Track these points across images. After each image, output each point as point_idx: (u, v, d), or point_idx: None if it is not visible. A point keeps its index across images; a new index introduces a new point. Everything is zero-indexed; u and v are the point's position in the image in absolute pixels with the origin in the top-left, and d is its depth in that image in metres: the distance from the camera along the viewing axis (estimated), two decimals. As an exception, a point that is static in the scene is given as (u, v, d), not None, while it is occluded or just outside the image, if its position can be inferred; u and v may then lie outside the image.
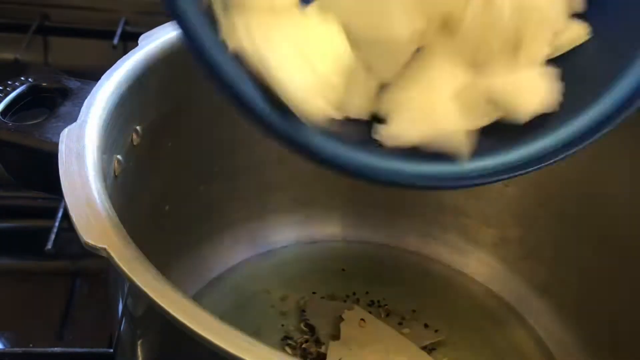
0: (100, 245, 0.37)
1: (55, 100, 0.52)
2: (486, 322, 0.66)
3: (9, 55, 0.91)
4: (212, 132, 0.62)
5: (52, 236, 0.65)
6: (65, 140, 0.44)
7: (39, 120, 0.50)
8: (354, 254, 0.72)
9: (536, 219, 0.67)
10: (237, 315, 0.62)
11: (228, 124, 0.62)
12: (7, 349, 0.60)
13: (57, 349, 0.59)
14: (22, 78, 0.53)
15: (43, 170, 0.45)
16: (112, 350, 0.59)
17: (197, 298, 0.63)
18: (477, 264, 0.71)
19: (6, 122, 0.50)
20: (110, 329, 0.60)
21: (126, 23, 0.97)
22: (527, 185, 0.67)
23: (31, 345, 0.60)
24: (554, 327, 0.65)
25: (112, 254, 0.37)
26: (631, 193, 0.59)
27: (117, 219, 0.39)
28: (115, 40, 0.93)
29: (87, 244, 0.37)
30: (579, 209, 0.64)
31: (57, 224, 0.66)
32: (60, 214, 0.67)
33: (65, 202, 0.40)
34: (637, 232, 0.58)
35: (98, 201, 0.40)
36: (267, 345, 0.33)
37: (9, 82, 0.52)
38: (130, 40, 0.93)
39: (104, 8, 1.00)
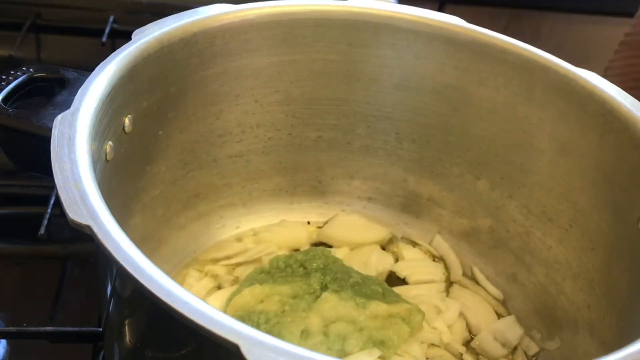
0: (84, 222, 0.38)
1: (53, 89, 0.54)
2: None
3: (3, 52, 0.92)
4: (200, 122, 0.64)
5: (45, 222, 0.66)
6: (58, 125, 0.45)
7: (37, 108, 0.51)
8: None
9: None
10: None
11: (216, 115, 0.65)
12: (1, 328, 0.62)
13: (49, 328, 0.60)
14: (24, 68, 0.54)
15: (39, 153, 0.46)
16: (101, 329, 0.61)
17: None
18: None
19: (6, 109, 0.51)
20: (99, 310, 0.62)
21: (114, 21, 0.99)
22: (497, 179, 0.69)
23: (24, 324, 0.61)
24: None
25: (95, 231, 0.38)
26: (595, 189, 0.60)
27: (102, 200, 0.41)
28: (104, 38, 0.95)
29: (72, 221, 0.39)
30: (544, 201, 0.66)
31: (49, 210, 0.68)
32: (52, 201, 0.69)
33: (55, 184, 0.41)
34: (597, 224, 0.60)
35: (85, 182, 0.41)
36: (247, 325, 0.34)
37: (11, 72, 0.54)
38: (118, 38, 0.95)
39: (94, 7, 1.02)
